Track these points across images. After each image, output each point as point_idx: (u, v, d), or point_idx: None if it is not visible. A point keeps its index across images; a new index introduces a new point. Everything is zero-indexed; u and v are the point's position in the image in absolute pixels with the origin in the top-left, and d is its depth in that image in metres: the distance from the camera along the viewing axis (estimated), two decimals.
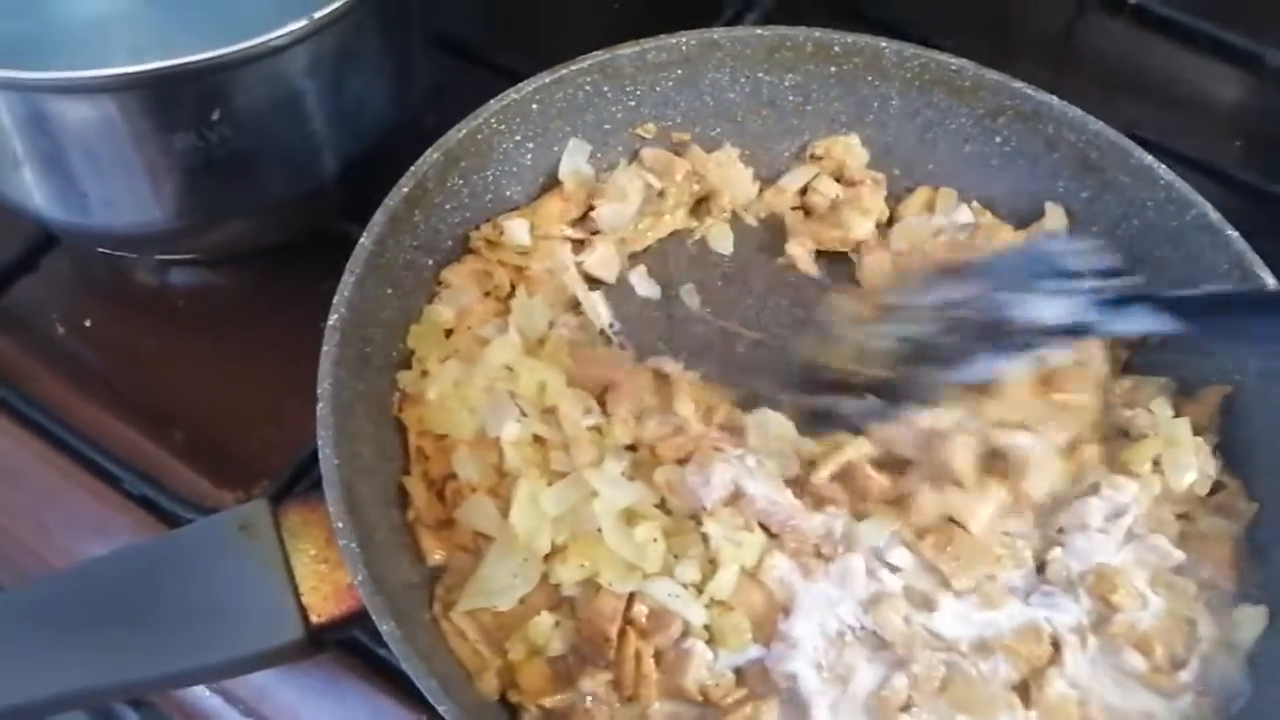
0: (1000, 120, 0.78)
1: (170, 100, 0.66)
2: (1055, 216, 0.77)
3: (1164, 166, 0.73)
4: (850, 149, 0.81)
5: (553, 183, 0.78)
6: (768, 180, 0.82)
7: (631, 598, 0.60)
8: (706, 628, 0.61)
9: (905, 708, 0.59)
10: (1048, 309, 0.58)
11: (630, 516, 0.62)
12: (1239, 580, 0.65)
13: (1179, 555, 0.64)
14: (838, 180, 0.81)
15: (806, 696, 0.58)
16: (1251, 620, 0.63)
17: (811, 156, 0.82)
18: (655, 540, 0.61)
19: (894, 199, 0.81)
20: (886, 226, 0.80)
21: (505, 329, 0.70)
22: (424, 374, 0.69)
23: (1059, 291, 0.58)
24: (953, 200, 0.79)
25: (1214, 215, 0.71)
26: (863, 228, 0.78)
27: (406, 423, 0.68)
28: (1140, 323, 0.57)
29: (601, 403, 0.68)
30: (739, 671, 0.61)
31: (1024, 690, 0.60)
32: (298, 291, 0.69)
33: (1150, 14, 0.99)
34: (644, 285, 0.77)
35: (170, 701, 0.71)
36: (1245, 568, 0.65)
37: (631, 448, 0.66)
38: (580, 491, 0.63)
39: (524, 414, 0.66)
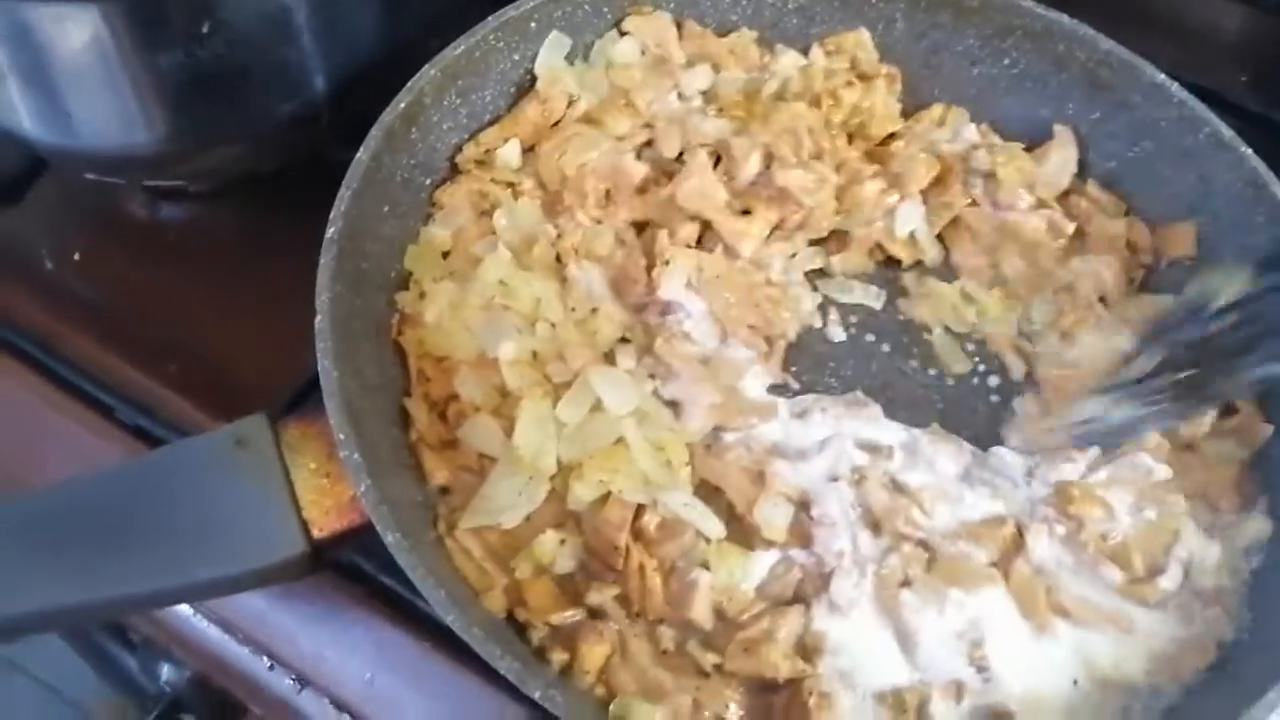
0: (1009, 40, 0.76)
1: (157, 14, 0.64)
2: (1064, 138, 0.76)
3: (1177, 85, 0.72)
4: (860, 43, 0.79)
5: None
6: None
7: (641, 508, 0.59)
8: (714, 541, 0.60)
9: (905, 583, 0.59)
10: None
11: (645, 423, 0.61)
12: (1241, 502, 0.64)
13: (1163, 470, 0.63)
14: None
15: (838, 569, 0.59)
16: (1254, 530, 0.62)
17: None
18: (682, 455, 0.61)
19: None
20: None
21: (497, 245, 0.68)
22: (421, 295, 0.67)
23: None
24: (964, 118, 0.78)
25: (1227, 133, 0.70)
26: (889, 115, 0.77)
27: (406, 345, 0.67)
28: None
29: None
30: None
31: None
32: (291, 223, 0.67)
33: None
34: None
35: (167, 632, 0.69)
36: (1249, 490, 0.65)
37: (625, 339, 0.66)
38: (590, 397, 0.62)
39: (520, 330, 0.65)
